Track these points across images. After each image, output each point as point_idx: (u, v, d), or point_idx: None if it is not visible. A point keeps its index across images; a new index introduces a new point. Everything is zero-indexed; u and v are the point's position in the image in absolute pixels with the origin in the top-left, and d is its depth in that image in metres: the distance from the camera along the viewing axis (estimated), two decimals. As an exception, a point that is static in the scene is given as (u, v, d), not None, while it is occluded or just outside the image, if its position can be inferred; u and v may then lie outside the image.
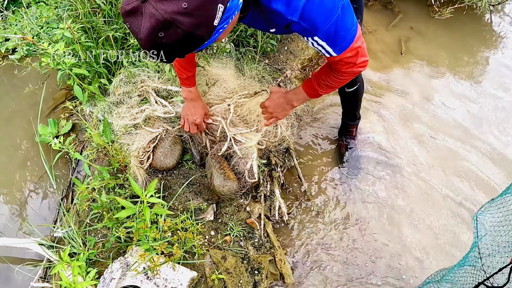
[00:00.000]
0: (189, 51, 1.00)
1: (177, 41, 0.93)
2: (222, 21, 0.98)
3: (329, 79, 1.46)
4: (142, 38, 0.93)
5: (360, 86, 2.02)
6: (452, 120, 2.58)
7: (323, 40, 1.23)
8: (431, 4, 3.33)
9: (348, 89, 2.02)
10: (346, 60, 1.32)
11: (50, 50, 1.96)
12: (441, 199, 2.23)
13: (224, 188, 1.92)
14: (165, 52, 0.97)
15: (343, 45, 1.26)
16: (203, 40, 0.97)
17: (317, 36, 1.22)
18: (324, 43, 1.24)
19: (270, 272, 1.85)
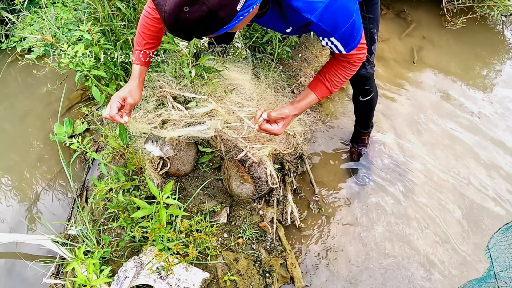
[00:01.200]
0: (207, 32, 1.01)
1: (200, 18, 0.94)
2: (244, 8, 1.00)
3: (340, 75, 1.49)
4: (166, 10, 0.94)
5: (374, 95, 2.05)
6: (464, 130, 2.59)
7: (338, 40, 1.29)
8: (444, 14, 3.35)
9: (362, 99, 2.04)
10: (354, 54, 1.40)
11: (70, 52, 2.00)
12: (453, 209, 2.23)
13: (242, 191, 1.95)
14: (185, 29, 0.98)
15: (354, 44, 1.34)
16: (224, 23, 0.99)
17: (333, 37, 1.28)
18: (339, 43, 1.31)
19: (281, 275, 1.87)
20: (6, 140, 2.79)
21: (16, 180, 2.57)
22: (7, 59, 3.33)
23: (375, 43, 1.82)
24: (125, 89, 1.58)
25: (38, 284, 2.06)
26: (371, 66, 1.90)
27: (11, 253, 2.21)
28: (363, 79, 1.93)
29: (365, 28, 1.72)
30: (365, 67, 1.88)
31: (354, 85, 2.03)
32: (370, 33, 1.76)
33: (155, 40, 1.57)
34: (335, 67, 1.47)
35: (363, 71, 1.89)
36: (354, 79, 1.98)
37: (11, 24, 3.45)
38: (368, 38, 1.77)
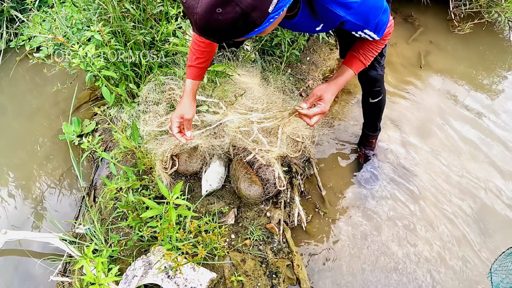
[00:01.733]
0: (237, 35, 1.01)
1: (232, 20, 0.93)
2: (275, 10, 1.00)
3: (372, 49, 1.54)
4: (198, 12, 0.93)
5: (383, 97, 2.07)
6: (471, 134, 2.60)
7: (371, 31, 1.37)
8: (451, 19, 3.36)
9: (372, 100, 2.06)
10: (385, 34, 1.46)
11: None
12: (460, 214, 2.24)
13: (250, 192, 1.96)
14: (215, 31, 0.98)
15: (384, 28, 1.40)
16: (255, 25, 0.98)
17: (367, 29, 1.35)
18: (372, 33, 1.38)
19: (287, 276, 1.88)
20: (14, 139, 2.81)
21: (24, 178, 2.58)
22: (16, 58, 3.35)
23: (386, 46, 1.85)
24: (180, 107, 1.68)
25: (45, 281, 2.08)
26: (381, 68, 1.93)
27: (19, 250, 2.23)
28: (374, 80, 1.96)
29: None
30: (375, 69, 1.91)
31: (364, 86, 2.06)
32: None
33: (206, 55, 1.64)
34: (367, 42, 1.52)
35: (374, 73, 1.91)
36: (364, 80, 2.01)
37: (20, 23, 3.48)
38: None
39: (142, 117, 2.12)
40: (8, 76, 3.25)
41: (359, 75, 2.00)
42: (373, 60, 1.85)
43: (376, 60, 1.87)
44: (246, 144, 1.99)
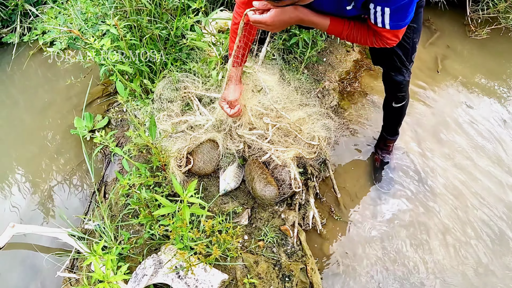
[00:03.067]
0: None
1: None
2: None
3: (362, 38, 1.49)
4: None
5: (406, 102, 2.04)
6: (487, 141, 2.54)
7: (391, 12, 1.29)
8: (468, 24, 3.31)
9: (395, 105, 2.03)
10: (394, 33, 1.41)
11: (97, 45, 1.99)
12: (476, 223, 2.18)
13: (265, 193, 1.92)
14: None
15: (401, 24, 1.34)
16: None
17: (388, 7, 1.28)
18: (388, 16, 1.30)
19: (300, 280, 1.83)
20: (25, 132, 2.79)
21: (34, 172, 2.57)
22: (29, 52, 3.35)
23: (415, 52, 1.81)
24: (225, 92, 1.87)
25: (51, 277, 2.05)
26: (409, 74, 1.89)
27: (26, 244, 2.21)
28: (399, 85, 1.92)
29: (409, 38, 1.71)
30: (403, 75, 1.87)
31: (389, 91, 2.02)
32: (412, 42, 1.74)
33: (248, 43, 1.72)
34: (364, 29, 1.47)
35: (401, 78, 1.88)
36: (390, 85, 1.97)
37: (34, 18, 3.48)
38: (410, 48, 1.76)
39: (156, 115, 2.09)
40: (20, 69, 3.24)
41: (384, 78, 1.97)
42: (400, 66, 1.83)
43: (404, 65, 1.83)
44: (261, 144, 1.96)
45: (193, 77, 2.16)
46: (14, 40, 3.42)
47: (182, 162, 1.99)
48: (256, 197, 1.98)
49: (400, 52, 1.77)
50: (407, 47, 1.75)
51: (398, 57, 1.80)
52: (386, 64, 1.90)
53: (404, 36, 1.69)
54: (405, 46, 1.74)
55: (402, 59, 1.80)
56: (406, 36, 1.70)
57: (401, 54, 1.78)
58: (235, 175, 2.04)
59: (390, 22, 1.32)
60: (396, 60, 1.81)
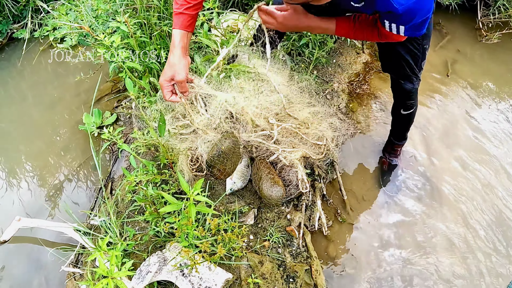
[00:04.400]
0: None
1: None
2: None
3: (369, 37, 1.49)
4: None
5: (415, 109, 2.03)
6: (496, 147, 2.52)
7: (405, 29, 1.31)
8: (479, 28, 3.29)
9: (404, 112, 2.02)
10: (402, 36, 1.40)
11: (107, 42, 2.00)
12: (484, 229, 2.16)
13: (272, 193, 1.91)
14: None
15: (416, 33, 1.35)
16: None
17: (403, 26, 1.29)
18: (403, 30, 1.32)
19: (304, 281, 1.82)
20: (34, 127, 2.81)
21: (41, 167, 2.58)
22: (39, 48, 3.37)
23: (425, 59, 1.78)
24: (169, 67, 1.45)
25: (56, 271, 2.06)
26: (418, 81, 1.86)
27: (32, 238, 2.22)
28: (409, 93, 1.90)
29: (419, 44, 1.69)
30: (412, 82, 1.85)
31: (398, 98, 2.01)
32: (423, 49, 1.72)
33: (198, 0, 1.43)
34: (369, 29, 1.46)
35: (410, 86, 1.86)
36: (398, 92, 1.96)
37: (45, 14, 3.50)
38: (420, 54, 1.73)
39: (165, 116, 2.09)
40: (30, 65, 3.27)
41: (393, 86, 1.96)
42: (410, 73, 1.81)
43: (414, 73, 1.81)
44: (268, 145, 1.95)
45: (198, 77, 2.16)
46: (25, 36, 3.45)
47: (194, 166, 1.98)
48: (262, 197, 1.97)
49: (410, 59, 1.74)
50: (418, 54, 1.72)
51: (408, 65, 1.77)
52: (395, 71, 1.87)
53: (415, 43, 1.68)
54: (415, 53, 1.72)
55: (412, 66, 1.77)
56: (417, 43, 1.68)
57: (411, 61, 1.75)
58: (242, 175, 2.03)
59: (405, 33, 1.33)
60: (406, 67, 1.78)
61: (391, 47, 1.72)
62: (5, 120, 2.90)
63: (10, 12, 3.47)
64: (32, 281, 2.06)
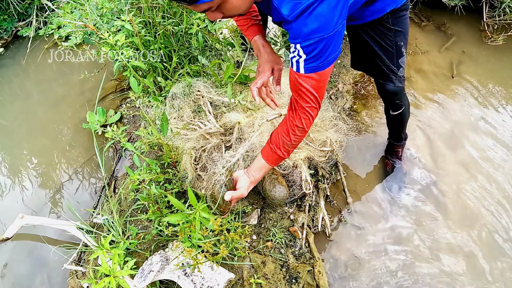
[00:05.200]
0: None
1: None
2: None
3: (292, 142, 1.43)
4: None
5: (405, 109, 1.98)
6: (500, 150, 2.50)
7: (303, 51, 1.18)
8: (484, 29, 3.27)
9: (393, 113, 1.98)
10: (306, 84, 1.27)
11: (111, 41, 2.00)
12: (487, 230, 2.15)
13: (276, 194, 1.90)
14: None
15: (317, 66, 1.21)
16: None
17: (300, 45, 1.17)
18: (304, 55, 1.19)
19: (307, 282, 1.82)
20: (38, 125, 2.82)
21: (45, 165, 2.59)
22: (43, 46, 3.38)
23: (402, 56, 1.73)
24: (259, 74, 1.56)
25: (58, 269, 2.07)
26: (399, 80, 1.80)
27: (34, 236, 2.23)
28: (392, 94, 1.86)
29: (390, 41, 1.66)
30: (392, 82, 1.79)
31: (384, 99, 1.98)
32: (396, 45, 1.67)
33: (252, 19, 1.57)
34: (282, 130, 1.41)
35: (391, 86, 1.81)
36: (382, 93, 1.92)
37: (50, 12, 3.51)
38: (394, 51, 1.69)
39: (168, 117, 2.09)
40: (35, 63, 3.28)
41: (377, 88, 1.92)
42: (388, 72, 1.76)
43: (391, 71, 1.75)
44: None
45: (205, 79, 2.15)
46: (30, 34, 3.46)
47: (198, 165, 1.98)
48: (266, 197, 1.97)
49: (383, 55, 1.70)
50: (391, 50, 1.68)
51: (383, 63, 1.73)
52: (369, 69, 1.84)
53: (386, 39, 1.65)
54: (387, 49, 1.68)
55: (387, 63, 1.73)
56: (388, 39, 1.64)
57: (385, 58, 1.71)
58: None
59: (304, 63, 1.21)
60: (381, 66, 1.74)
61: (363, 42, 1.67)
62: (9, 118, 2.91)
63: (15, 10, 3.49)
64: (34, 278, 2.07)
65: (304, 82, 1.25)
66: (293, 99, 1.34)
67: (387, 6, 1.54)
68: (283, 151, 1.40)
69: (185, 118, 2.07)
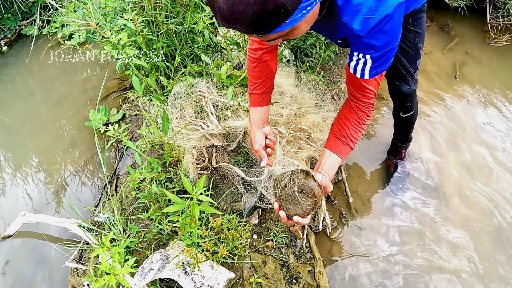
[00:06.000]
0: (267, 23, 0.92)
1: (260, 0, 0.85)
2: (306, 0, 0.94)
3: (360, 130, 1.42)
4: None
5: (415, 112, 1.99)
6: (502, 152, 2.48)
7: (372, 59, 1.21)
8: (488, 30, 3.26)
9: (403, 115, 1.99)
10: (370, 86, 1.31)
11: (114, 40, 2.00)
12: (488, 232, 2.14)
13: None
14: (243, 16, 0.88)
15: (380, 70, 1.26)
16: (286, 11, 0.90)
17: (370, 55, 1.20)
18: (370, 63, 1.22)
19: (307, 282, 1.81)
20: (40, 123, 2.83)
21: (47, 163, 2.60)
22: (47, 44, 3.40)
23: (419, 58, 1.75)
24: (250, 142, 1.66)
25: (59, 266, 2.07)
26: (414, 82, 1.82)
27: (36, 234, 2.24)
28: (406, 96, 1.86)
29: (410, 42, 1.66)
30: (408, 84, 1.81)
31: (396, 101, 1.97)
32: (415, 47, 1.69)
33: (262, 78, 1.57)
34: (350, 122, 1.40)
35: (406, 88, 1.82)
36: (395, 95, 1.92)
37: (53, 11, 3.53)
38: (413, 52, 1.70)
39: (170, 117, 2.09)
40: (38, 61, 3.29)
41: (390, 89, 1.92)
42: (405, 74, 1.77)
43: (409, 73, 1.77)
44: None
45: (207, 79, 2.15)
46: (33, 32, 3.48)
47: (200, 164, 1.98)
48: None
49: (402, 58, 1.71)
50: (410, 52, 1.69)
51: (401, 64, 1.74)
52: (389, 72, 1.83)
53: (406, 41, 1.66)
54: (407, 51, 1.69)
55: (406, 65, 1.74)
56: (408, 41, 1.65)
57: (404, 60, 1.72)
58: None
59: (369, 71, 1.25)
60: (399, 67, 1.75)
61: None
62: (12, 116, 2.93)
63: (19, 9, 3.50)
64: (35, 276, 2.08)
65: (368, 84, 1.30)
66: (356, 95, 1.37)
67: (410, 6, 1.54)
68: (354, 142, 1.42)
69: (187, 118, 2.08)
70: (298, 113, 2.07)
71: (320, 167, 1.39)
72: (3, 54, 3.42)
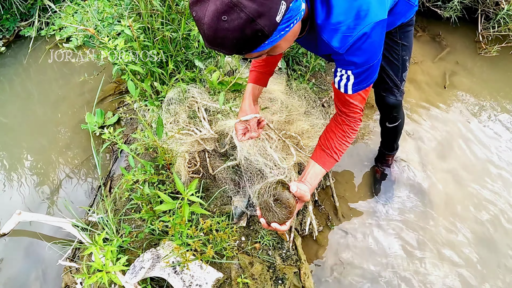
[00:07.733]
0: (248, 46, 0.99)
1: (239, 27, 0.92)
2: (284, 22, 0.99)
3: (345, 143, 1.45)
4: (205, 22, 0.93)
5: (401, 122, 2.04)
6: (490, 160, 2.55)
7: (353, 75, 1.25)
8: (479, 41, 3.33)
9: (389, 125, 2.04)
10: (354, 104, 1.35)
11: (111, 45, 2.06)
12: (473, 241, 2.19)
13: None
14: (224, 40, 0.96)
15: (364, 85, 1.29)
16: (264, 34, 0.96)
17: (351, 71, 1.24)
18: (353, 79, 1.26)
19: (293, 283, 1.87)
20: (37, 124, 2.87)
21: (43, 164, 2.64)
22: (45, 46, 3.44)
23: (406, 70, 1.79)
24: (240, 112, 1.67)
25: (53, 265, 2.11)
26: (400, 93, 1.87)
27: (31, 232, 2.28)
28: (392, 107, 1.91)
29: (397, 55, 1.71)
30: (394, 95, 1.85)
31: (382, 111, 2.02)
32: (402, 59, 1.74)
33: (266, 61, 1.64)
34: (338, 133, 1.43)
35: (392, 99, 1.86)
36: (381, 106, 1.96)
37: (52, 13, 3.58)
38: (400, 65, 1.75)
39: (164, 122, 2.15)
40: (36, 63, 3.33)
41: (376, 99, 1.96)
42: (392, 85, 1.81)
43: (395, 84, 1.82)
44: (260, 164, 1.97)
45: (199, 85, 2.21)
46: (32, 34, 3.53)
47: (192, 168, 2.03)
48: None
49: (389, 70, 1.76)
50: (397, 64, 1.74)
51: (388, 76, 1.78)
52: (376, 84, 1.87)
53: (393, 53, 1.70)
54: (394, 63, 1.74)
55: (392, 77, 1.79)
56: (395, 52, 1.70)
57: (390, 72, 1.77)
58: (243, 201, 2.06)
59: (352, 86, 1.28)
60: (386, 79, 1.80)
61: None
62: (9, 116, 2.97)
63: (17, 10, 3.55)
64: (29, 274, 2.12)
65: (352, 99, 1.34)
66: (342, 110, 1.41)
67: (397, 20, 1.59)
68: (339, 154, 1.46)
69: (181, 123, 2.14)
70: (288, 120, 2.12)
71: (304, 176, 1.45)
72: (1, 55, 3.46)
